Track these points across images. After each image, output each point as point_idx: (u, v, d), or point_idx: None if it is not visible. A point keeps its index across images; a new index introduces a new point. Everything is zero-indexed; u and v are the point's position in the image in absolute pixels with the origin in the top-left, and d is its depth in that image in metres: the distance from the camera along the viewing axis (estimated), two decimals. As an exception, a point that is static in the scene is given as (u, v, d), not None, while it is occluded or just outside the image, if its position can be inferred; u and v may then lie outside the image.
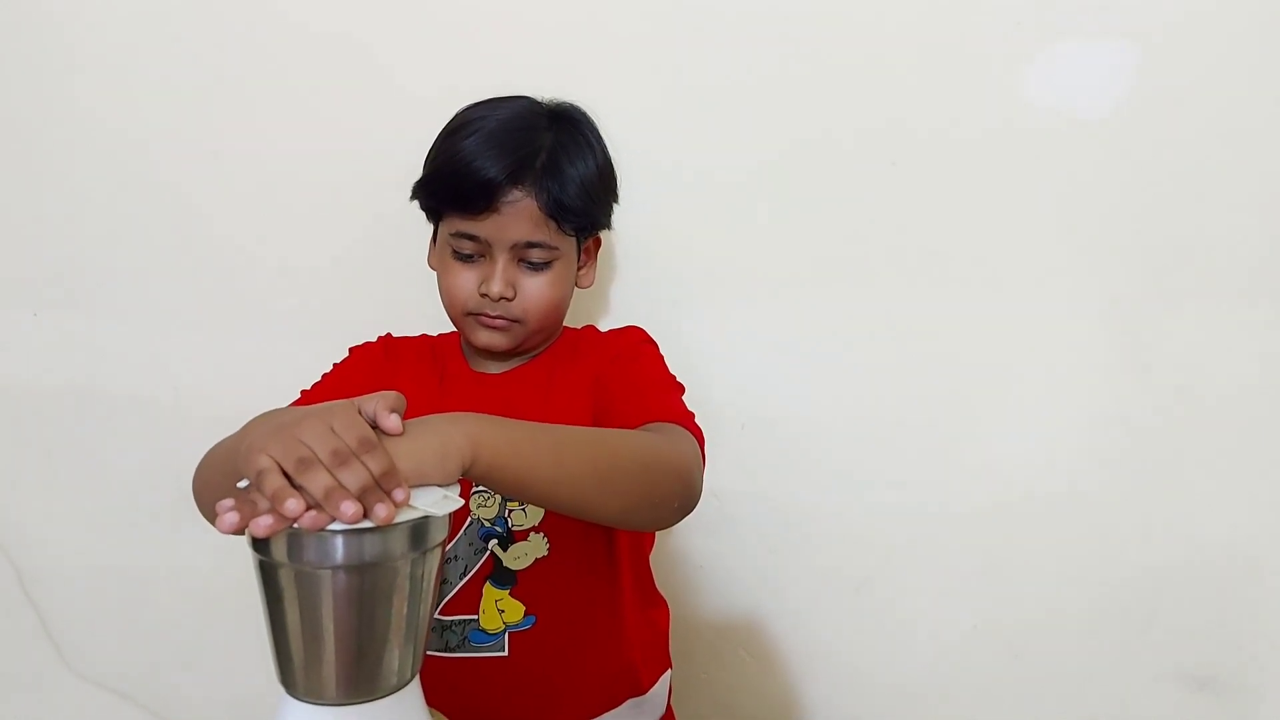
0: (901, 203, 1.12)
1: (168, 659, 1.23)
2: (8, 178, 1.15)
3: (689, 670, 1.22)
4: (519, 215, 0.85)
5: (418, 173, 0.97)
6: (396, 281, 1.11)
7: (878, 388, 1.16)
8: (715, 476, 1.15)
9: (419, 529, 0.58)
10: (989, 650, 1.20)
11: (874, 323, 1.15)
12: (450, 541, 0.87)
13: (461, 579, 0.88)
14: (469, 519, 0.88)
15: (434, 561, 0.60)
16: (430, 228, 0.99)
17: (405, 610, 0.58)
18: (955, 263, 1.13)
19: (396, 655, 0.59)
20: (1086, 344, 1.13)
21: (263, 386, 1.13)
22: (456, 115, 0.91)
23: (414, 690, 0.61)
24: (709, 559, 1.20)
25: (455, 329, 0.96)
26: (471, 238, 0.87)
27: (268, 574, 0.57)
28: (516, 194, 0.85)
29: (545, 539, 0.88)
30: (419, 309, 1.08)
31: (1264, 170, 1.07)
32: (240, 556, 1.15)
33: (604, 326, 1.16)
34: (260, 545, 0.56)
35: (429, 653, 0.80)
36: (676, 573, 1.21)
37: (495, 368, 0.95)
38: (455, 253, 0.88)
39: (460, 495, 0.60)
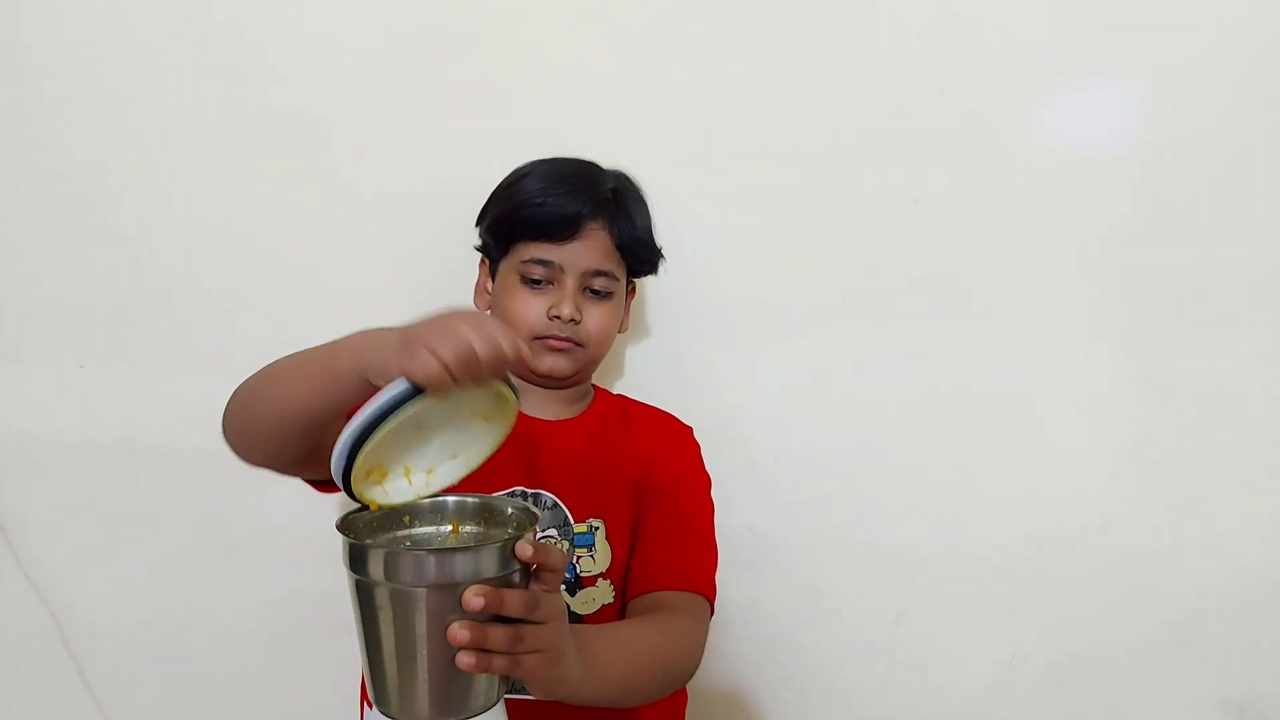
0: (925, 239, 1.16)
1: (207, 712, 1.22)
2: (55, 231, 1.18)
3: (729, 707, 1.22)
4: (595, 244, 0.93)
5: (459, 222, 1.01)
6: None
7: (909, 420, 1.18)
8: (751, 512, 1.19)
9: (506, 550, 0.59)
10: (1028, 681, 1.20)
11: (903, 356, 1.17)
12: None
13: None
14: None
15: (521, 583, 0.62)
16: (474, 274, 1.03)
17: (494, 629, 0.60)
18: (980, 296, 1.16)
19: (485, 675, 0.60)
20: (1109, 373, 1.16)
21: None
22: (520, 167, 0.98)
23: (499, 712, 0.62)
24: (747, 595, 1.20)
25: None
26: (546, 263, 0.92)
27: (364, 593, 0.58)
28: (595, 225, 0.93)
29: (611, 585, 0.92)
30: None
31: (1277, 199, 1.11)
32: (281, 610, 1.16)
33: (645, 364, 1.20)
34: (358, 565, 0.58)
35: None
36: (716, 609, 1.22)
37: (549, 414, 0.97)
38: (524, 281, 0.93)
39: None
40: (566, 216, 0.91)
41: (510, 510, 0.68)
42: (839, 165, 1.16)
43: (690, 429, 1.05)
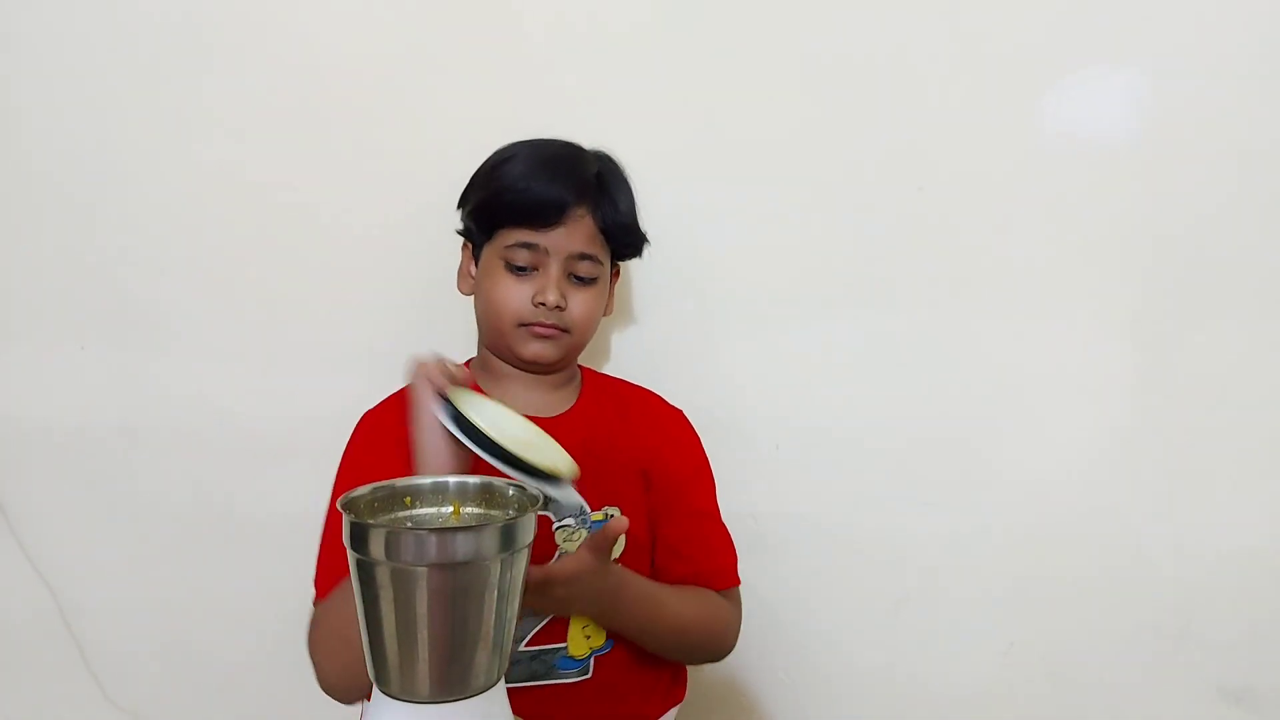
0: (929, 227, 1.16)
1: (208, 691, 1.23)
2: (57, 214, 1.18)
3: (728, 694, 1.22)
4: (578, 229, 0.93)
5: (448, 208, 1.00)
6: (434, 314, 1.13)
7: (910, 408, 1.18)
8: (750, 498, 1.19)
9: (509, 530, 0.60)
10: (1026, 668, 1.21)
11: (905, 344, 1.18)
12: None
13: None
14: (557, 553, 0.91)
15: (522, 563, 0.62)
16: (456, 257, 1.01)
17: (495, 609, 0.60)
18: (982, 284, 1.16)
19: (486, 655, 0.60)
20: (1112, 361, 1.16)
21: (305, 420, 1.15)
22: (502, 149, 0.97)
23: (500, 691, 0.62)
24: (746, 580, 1.19)
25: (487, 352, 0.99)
26: (531, 247, 0.92)
27: (365, 573, 0.58)
28: (579, 210, 0.92)
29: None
30: (456, 336, 1.10)
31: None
32: (281, 591, 1.17)
33: (643, 351, 1.19)
34: (359, 544, 0.58)
35: (511, 685, 0.83)
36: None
37: (540, 408, 0.97)
38: (509, 267, 0.93)
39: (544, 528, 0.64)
40: (551, 202, 0.90)
41: (511, 491, 0.68)
42: (842, 151, 1.16)
43: (681, 411, 1.05)
